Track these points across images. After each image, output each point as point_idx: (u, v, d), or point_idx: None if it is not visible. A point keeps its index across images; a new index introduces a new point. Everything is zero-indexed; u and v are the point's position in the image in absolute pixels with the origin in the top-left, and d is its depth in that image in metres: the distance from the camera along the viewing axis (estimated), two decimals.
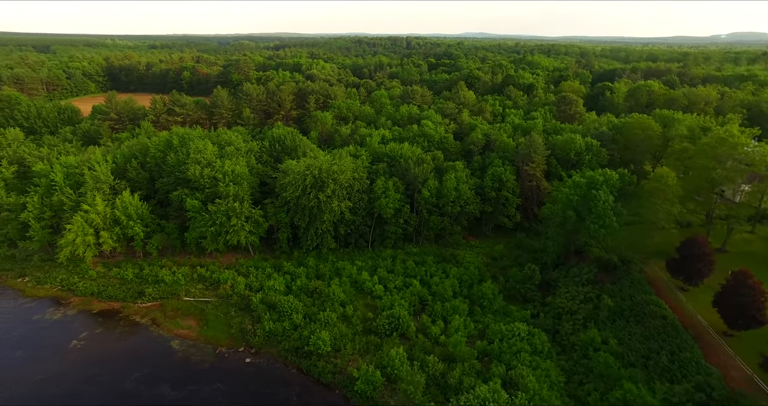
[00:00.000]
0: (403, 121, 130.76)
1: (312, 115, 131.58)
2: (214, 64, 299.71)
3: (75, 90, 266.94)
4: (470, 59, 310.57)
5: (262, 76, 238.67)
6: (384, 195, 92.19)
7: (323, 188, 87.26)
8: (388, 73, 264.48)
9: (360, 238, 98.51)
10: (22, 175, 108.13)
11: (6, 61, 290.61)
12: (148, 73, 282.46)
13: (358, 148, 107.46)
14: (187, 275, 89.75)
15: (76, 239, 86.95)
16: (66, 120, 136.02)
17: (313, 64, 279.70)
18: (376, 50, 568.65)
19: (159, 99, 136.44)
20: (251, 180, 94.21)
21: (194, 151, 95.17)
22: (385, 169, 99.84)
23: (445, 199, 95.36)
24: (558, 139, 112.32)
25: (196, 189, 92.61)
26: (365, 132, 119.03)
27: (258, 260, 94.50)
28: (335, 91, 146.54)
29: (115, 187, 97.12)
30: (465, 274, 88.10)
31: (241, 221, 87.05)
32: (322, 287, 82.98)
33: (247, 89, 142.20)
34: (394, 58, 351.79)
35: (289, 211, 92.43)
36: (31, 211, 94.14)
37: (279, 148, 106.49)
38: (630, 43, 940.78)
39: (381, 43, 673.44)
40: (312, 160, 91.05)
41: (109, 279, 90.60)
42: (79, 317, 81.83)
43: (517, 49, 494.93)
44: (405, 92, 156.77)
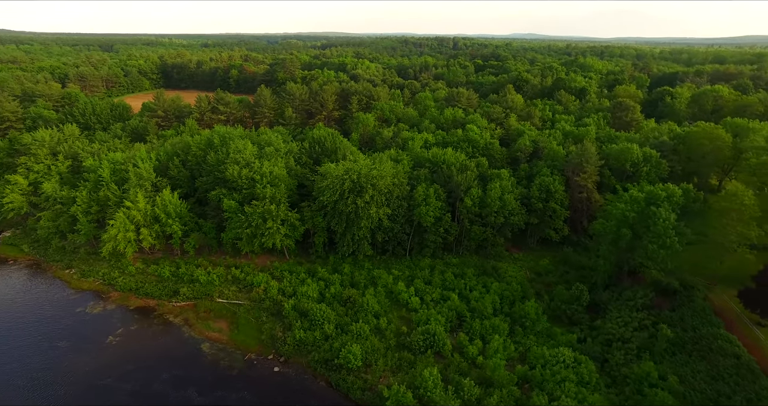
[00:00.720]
0: (447, 125, 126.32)
1: (354, 116, 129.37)
2: (262, 63, 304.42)
3: (131, 87, 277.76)
4: (518, 61, 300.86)
5: (306, 76, 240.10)
6: (424, 203, 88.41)
7: (361, 194, 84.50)
8: (433, 75, 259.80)
9: (398, 245, 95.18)
10: (75, 170, 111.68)
11: (74, 60, 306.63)
12: (198, 71, 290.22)
13: (400, 153, 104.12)
14: (222, 276, 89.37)
15: (118, 235, 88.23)
16: (117, 117, 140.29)
17: (358, 63, 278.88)
18: (422, 51, 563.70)
19: (204, 97, 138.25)
20: (289, 182, 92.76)
21: (234, 151, 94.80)
22: (427, 175, 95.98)
23: (489, 209, 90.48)
24: (612, 149, 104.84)
25: (233, 189, 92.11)
26: (407, 135, 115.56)
27: (293, 263, 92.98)
28: (378, 92, 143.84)
29: (157, 185, 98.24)
30: (507, 290, 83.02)
31: (276, 224, 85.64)
32: (356, 297, 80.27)
33: (290, 89, 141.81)
34: (440, 59, 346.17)
35: (326, 215, 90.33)
36: (80, 205, 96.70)
37: (319, 149, 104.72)
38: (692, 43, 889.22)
39: (427, 44, 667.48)
40: (351, 163, 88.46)
41: (147, 276, 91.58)
42: (117, 312, 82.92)
43: (568, 51, 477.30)
44: (450, 95, 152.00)
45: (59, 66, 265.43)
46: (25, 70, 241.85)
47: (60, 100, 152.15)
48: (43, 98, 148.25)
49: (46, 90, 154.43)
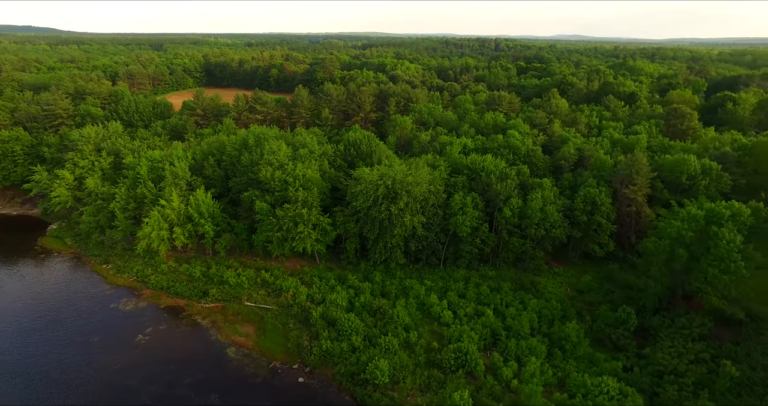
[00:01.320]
0: (488, 130, 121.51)
1: (391, 118, 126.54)
2: (302, 62, 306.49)
3: (175, 85, 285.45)
4: (563, 64, 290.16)
5: (345, 76, 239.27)
6: (461, 212, 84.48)
7: (396, 200, 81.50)
8: (474, 76, 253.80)
9: (432, 255, 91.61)
10: (116, 166, 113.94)
11: (125, 59, 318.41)
12: (240, 69, 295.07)
13: (437, 158, 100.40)
14: (251, 279, 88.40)
15: (152, 233, 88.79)
16: (159, 114, 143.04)
17: (397, 64, 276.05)
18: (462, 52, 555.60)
19: (242, 97, 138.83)
20: (322, 185, 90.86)
21: (268, 152, 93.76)
22: (465, 182, 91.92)
23: (529, 220, 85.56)
24: (666, 160, 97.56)
25: (266, 191, 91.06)
26: (446, 140, 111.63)
27: (323, 269, 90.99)
28: (417, 95, 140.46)
29: (192, 184, 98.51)
30: (545, 307, 78.05)
31: (308, 228, 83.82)
32: (387, 307, 77.30)
33: (327, 89, 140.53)
34: (482, 61, 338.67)
35: (358, 221, 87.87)
36: (118, 201, 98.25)
37: (354, 152, 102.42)
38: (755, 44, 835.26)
39: (468, 45, 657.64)
40: (386, 169, 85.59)
41: (179, 275, 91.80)
42: (147, 310, 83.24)
43: (616, 53, 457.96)
44: (491, 98, 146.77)
45: (111, 65, 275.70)
46: (81, 69, 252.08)
47: (107, 97, 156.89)
48: (93, 96, 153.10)
49: (96, 88, 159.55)
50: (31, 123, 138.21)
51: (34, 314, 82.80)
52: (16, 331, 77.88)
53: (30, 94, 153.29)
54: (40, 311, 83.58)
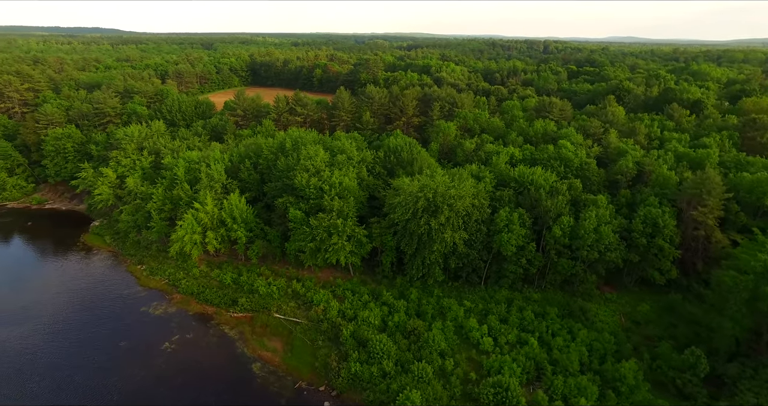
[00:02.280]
0: (537, 139, 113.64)
1: (435, 124, 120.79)
2: (346, 63, 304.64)
3: (221, 84, 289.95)
4: (618, 68, 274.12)
5: (389, 77, 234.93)
6: (507, 229, 77.99)
7: (436, 214, 75.99)
8: (521, 80, 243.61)
9: (472, 272, 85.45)
10: (156, 166, 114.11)
11: (175, 58, 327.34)
12: (284, 69, 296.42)
13: (482, 168, 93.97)
14: (282, 289, 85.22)
15: (185, 236, 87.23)
16: (200, 114, 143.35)
17: (442, 66, 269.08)
18: (510, 54, 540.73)
19: (282, 98, 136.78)
20: (359, 194, 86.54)
21: (304, 157, 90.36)
22: (511, 197, 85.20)
23: (581, 241, 77.94)
24: (744, 178, 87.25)
25: (300, 198, 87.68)
26: (492, 149, 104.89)
27: (356, 282, 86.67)
28: (462, 99, 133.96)
29: (227, 187, 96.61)
30: (597, 340, 70.50)
31: (342, 240, 79.66)
32: (422, 329, 71.98)
33: (369, 92, 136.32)
34: (530, 63, 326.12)
35: (395, 233, 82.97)
36: (155, 201, 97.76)
37: (394, 160, 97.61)
38: None
39: (516, 47, 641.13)
40: (427, 179, 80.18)
41: (209, 280, 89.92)
42: (176, 316, 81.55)
43: (675, 56, 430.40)
44: (541, 104, 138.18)
45: (162, 63, 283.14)
46: (135, 68, 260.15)
47: (153, 96, 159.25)
48: (140, 95, 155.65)
49: (143, 87, 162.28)
50: (82, 121, 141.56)
51: (70, 311, 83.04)
52: (52, 329, 78.19)
53: (84, 92, 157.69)
54: (75, 310, 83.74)
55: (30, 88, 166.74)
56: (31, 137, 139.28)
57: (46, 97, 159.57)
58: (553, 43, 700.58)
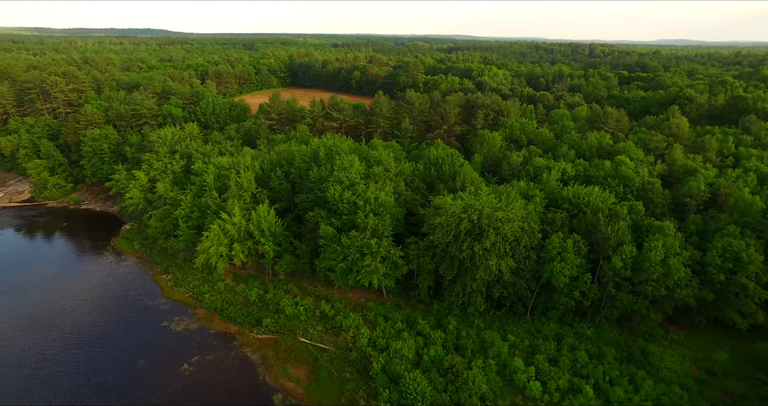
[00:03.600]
0: (591, 154, 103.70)
1: (478, 134, 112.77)
2: (385, 65, 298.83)
3: (260, 84, 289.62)
4: (675, 73, 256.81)
5: (429, 81, 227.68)
6: (559, 258, 69.50)
7: (481, 238, 68.36)
8: (568, 86, 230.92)
9: (517, 301, 77.26)
10: (188, 170, 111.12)
11: (216, 58, 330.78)
12: (323, 70, 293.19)
13: (531, 186, 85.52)
14: (310, 310, 79.51)
15: (211, 248, 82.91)
16: (234, 117, 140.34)
17: (485, 70, 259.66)
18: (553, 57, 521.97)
19: (318, 102, 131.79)
20: (396, 211, 79.85)
21: (338, 169, 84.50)
22: (564, 220, 76.49)
23: (645, 274, 68.54)
24: None
25: (333, 212, 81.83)
26: (541, 163, 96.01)
27: (390, 307, 79.92)
28: (508, 107, 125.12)
29: (257, 196, 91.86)
30: (665, 393, 61.11)
31: (376, 261, 73.13)
32: (461, 367, 64.55)
33: (409, 97, 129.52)
34: (576, 68, 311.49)
35: (434, 256, 75.82)
36: (183, 209, 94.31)
37: (435, 173, 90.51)
38: None
39: (560, 50, 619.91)
40: (471, 198, 72.65)
41: (234, 296, 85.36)
42: (197, 334, 77.16)
43: (738, 60, 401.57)
44: (594, 114, 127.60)
45: (203, 64, 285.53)
46: (176, 68, 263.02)
47: (189, 98, 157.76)
48: (176, 96, 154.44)
49: (179, 88, 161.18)
50: (120, 121, 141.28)
51: (93, 322, 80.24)
52: (74, 340, 75.66)
53: (123, 93, 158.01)
54: (98, 320, 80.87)
55: (75, 88, 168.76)
56: (71, 137, 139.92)
57: (88, 98, 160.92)
58: (599, 46, 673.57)
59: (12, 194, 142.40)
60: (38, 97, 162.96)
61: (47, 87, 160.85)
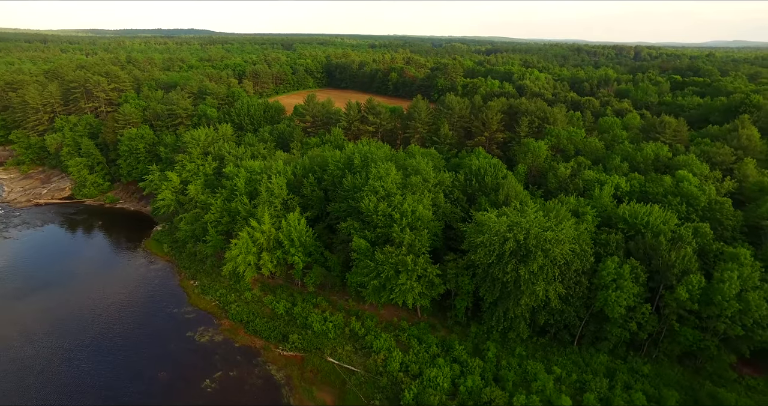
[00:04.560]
0: (646, 167, 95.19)
1: (522, 142, 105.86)
2: (423, 67, 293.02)
3: (296, 85, 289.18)
4: (735, 78, 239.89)
5: (468, 84, 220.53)
6: (614, 285, 62.51)
7: (527, 260, 62.26)
8: (614, 90, 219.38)
9: (564, 329, 70.58)
10: (220, 172, 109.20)
11: (254, 58, 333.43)
12: (359, 72, 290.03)
13: (581, 202, 78.39)
14: (339, 327, 75.10)
15: (239, 257, 79.81)
16: (269, 119, 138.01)
17: (526, 73, 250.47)
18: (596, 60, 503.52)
19: (354, 105, 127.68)
20: (434, 226, 74.49)
21: (374, 177, 79.84)
22: (620, 243, 69.17)
23: (716, 309, 60.73)
24: None
25: (367, 224, 77.15)
26: (591, 176, 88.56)
27: (424, 327, 74.57)
28: (555, 114, 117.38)
29: (288, 204, 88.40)
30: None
31: (411, 280, 68.02)
32: (501, 403, 58.69)
33: (448, 102, 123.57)
34: (621, 72, 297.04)
35: (474, 276, 70.10)
36: (213, 213, 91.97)
37: (476, 185, 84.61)
38: None
39: (603, 53, 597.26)
40: (517, 215, 66.61)
41: (261, 307, 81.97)
42: (222, 347, 74.04)
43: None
44: (648, 123, 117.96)
45: (241, 63, 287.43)
46: (215, 68, 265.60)
47: (225, 98, 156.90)
48: (211, 96, 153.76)
49: (215, 88, 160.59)
50: (156, 121, 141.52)
51: (119, 327, 78.68)
52: (99, 347, 74.22)
53: (161, 93, 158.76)
54: (123, 326, 79.25)
55: (115, 88, 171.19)
56: (110, 136, 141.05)
57: (127, 97, 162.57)
58: (646, 48, 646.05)
59: (54, 191, 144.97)
60: (82, 96, 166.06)
61: (90, 86, 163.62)
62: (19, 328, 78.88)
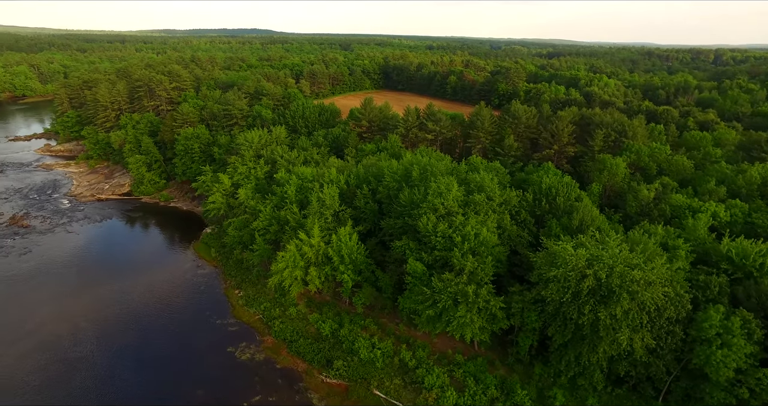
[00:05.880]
0: (751, 193, 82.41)
1: (597, 158, 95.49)
2: (482, 70, 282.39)
3: (353, 86, 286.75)
4: None
5: (531, 89, 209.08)
6: (719, 342, 52.31)
7: (609, 302, 53.48)
8: (695, 99, 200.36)
9: (647, 381, 60.85)
10: (271, 177, 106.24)
11: (312, 58, 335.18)
12: (417, 74, 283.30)
13: (670, 232, 67.88)
14: (388, 355, 68.99)
15: (285, 271, 75.49)
16: (324, 122, 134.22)
17: (593, 79, 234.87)
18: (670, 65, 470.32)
19: (413, 111, 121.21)
20: (498, 251, 66.74)
21: (433, 193, 72.99)
22: (724, 287, 58.56)
23: None
24: None
25: (424, 245, 70.49)
26: (680, 201, 77.39)
27: (482, 363, 66.97)
28: (634, 127, 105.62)
29: (339, 216, 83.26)
30: None
31: (471, 313, 60.75)
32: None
33: (514, 110, 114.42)
34: (701, 78, 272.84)
35: (542, 311, 61.86)
36: (262, 220, 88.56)
37: (546, 206, 75.92)
38: None
39: (677, 56, 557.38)
40: (597, 247, 57.81)
41: (306, 325, 77.33)
42: (263, 367, 69.90)
43: None
44: (750, 139, 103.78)
45: (299, 63, 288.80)
46: (273, 67, 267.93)
47: (280, 99, 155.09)
48: (267, 97, 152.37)
49: (271, 89, 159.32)
50: (213, 121, 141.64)
51: (160, 336, 76.77)
52: (140, 356, 72.16)
53: (218, 92, 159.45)
54: (166, 334, 77.33)
55: (176, 87, 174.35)
56: (167, 135, 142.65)
57: (186, 97, 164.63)
58: (729, 51, 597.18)
59: (115, 187, 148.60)
60: (145, 94, 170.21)
61: (153, 85, 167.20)
62: (70, 327, 78.71)
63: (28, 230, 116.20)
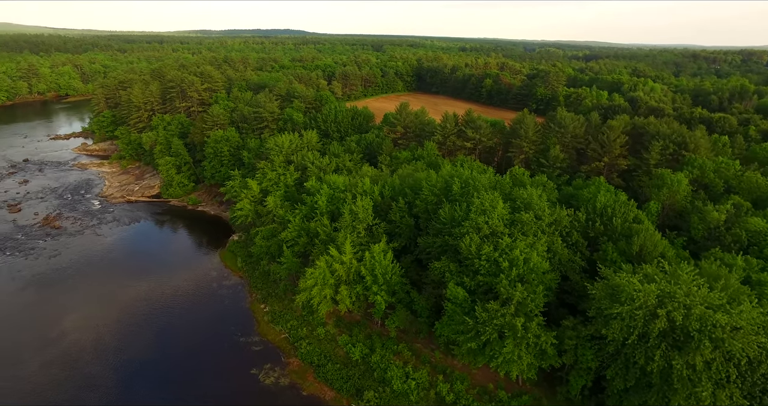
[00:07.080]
0: None
1: (654, 173, 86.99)
2: (518, 73, 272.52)
3: (385, 88, 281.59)
4: None
5: (571, 94, 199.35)
6: None
7: (685, 349, 46.10)
8: (754, 105, 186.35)
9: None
10: (302, 184, 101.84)
11: (344, 59, 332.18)
12: (451, 76, 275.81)
13: (751, 264, 59.54)
14: (423, 387, 63.15)
15: (314, 288, 70.54)
16: (357, 127, 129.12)
17: (637, 83, 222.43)
18: (718, 68, 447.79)
19: (451, 117, 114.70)
20: (549, 279, 59.94)
21: (476, 211, 66.57)
22: None
23: None
24: None
25: (465, 268, 64.25)
26: (759, 226, 68.63)
27: (527, 402, 60.41)
28: (696, 139, 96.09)
29: (373, 230, 77.85)
30: None
31: (520, 349, 54.25)
32: None
33: (560, 118, 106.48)
34: (757, 81, 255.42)
35: (600, 350, 54.79)
36: (290, 231, 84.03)
37: (600, 227, 68.48)
38: None
39: (725, 59, 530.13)
40: (665, 280, 50.38)
41: (335, 348, 72.14)
42: (287, 393, 65.15)
43: None
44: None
45: (331, 64, 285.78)
46: (305, 68, 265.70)
47: (312, 102, 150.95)
48: (299, 99, 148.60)
49: (303, 91, 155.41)
50: (243, 124, 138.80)
51: (182, 353, 73.11)
52: (159, 376, 68.41)
53: (249, 94, 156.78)
54: (187, 351, 73.55)
55: (208, 88, 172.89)
56: (197, 137, 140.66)
57: (217, 98, 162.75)
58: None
59: (145, 188, 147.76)
60: (177, 95, 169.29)
61: (185, 86, 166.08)
62: (92, 338, 76.08)
63: (59, 231, 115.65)
